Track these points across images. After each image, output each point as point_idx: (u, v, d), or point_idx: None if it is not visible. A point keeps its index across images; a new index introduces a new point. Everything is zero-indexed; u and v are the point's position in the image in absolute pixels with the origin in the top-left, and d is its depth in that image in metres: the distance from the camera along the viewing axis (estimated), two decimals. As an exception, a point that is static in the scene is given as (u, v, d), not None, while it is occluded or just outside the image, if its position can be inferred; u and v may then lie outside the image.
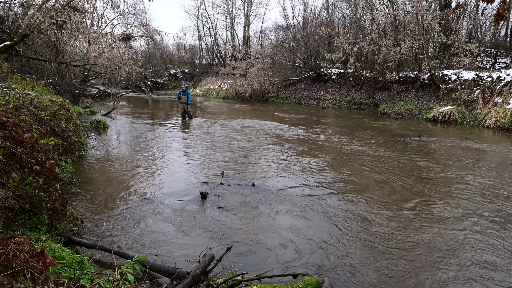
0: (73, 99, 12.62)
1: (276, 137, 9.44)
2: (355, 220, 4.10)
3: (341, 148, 8.13)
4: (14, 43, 8.00)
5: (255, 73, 23.56)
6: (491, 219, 4.13)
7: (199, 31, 38.58)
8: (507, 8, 3.28)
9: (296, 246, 3.50)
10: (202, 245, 3.43)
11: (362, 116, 15.02)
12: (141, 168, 6.31)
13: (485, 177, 5.76)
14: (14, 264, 1.79)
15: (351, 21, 21.22)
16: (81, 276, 1.91)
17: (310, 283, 2.73)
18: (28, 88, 6.62)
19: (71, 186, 4.98)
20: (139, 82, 14.42)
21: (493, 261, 3.21)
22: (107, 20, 13.58)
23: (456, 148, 8.12)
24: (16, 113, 3.81)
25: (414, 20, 14.42)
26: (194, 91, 30.22)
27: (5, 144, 2.83)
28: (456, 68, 14.94)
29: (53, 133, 4.74)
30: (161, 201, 4.65)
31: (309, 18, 27.22)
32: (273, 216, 4.22)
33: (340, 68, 20.86)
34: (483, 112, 12.00)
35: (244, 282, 2.70)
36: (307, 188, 5.22)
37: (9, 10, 9.50)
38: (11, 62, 9.41)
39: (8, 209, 2.66)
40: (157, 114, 16.32)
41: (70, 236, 3.22)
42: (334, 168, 6.31)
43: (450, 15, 4.78)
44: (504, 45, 18.71)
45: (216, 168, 6.26)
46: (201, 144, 8.56)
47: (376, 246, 3.49)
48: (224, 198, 4.82)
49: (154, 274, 2.78)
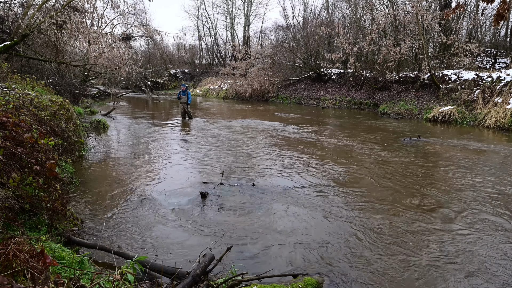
0: (73, 99, 12.62)
1: (276, 137, 9.44)
2: (355, 220, 4.10)
3: (341, 148, 8.13)
4: (14, 43, 8.00)
5: (255, 73, 23.55)
6: (491, 219, 4.13)
7: (199, 31, 38.65)
8: (507, 8, 3.28)
9: (296, 246, 3.50)
10: (202, 245, 3.43)
11: (362, 116, 15.02)
12: (141, 168, 6.31)
13: (485, 177, 5.76)
14: (14, 264, 1.79)
15: (351, 21, 21.22)
16: (81, 276, 1.91)
17: (310, 283, 2.73)
18: (28, 88, 6.62)
19: (71, 186, 4.98)
20: (139, 82, 14.42)
21: (494, 262, 3.21)
22: (107, 20, 13.59)
23: (456, 148, 8.12)
24: (16, 113, 3.81)
25: (414, 20, 14.42)
26: (194, 91, 30.22)
27: (5, 144, 2.83)
28: (456, 68, 14.93)
29: (53, 133, 4.73)
30: (161, 201, 4.65)
31: (309, 18, 27.24)
32: (273, 216, 4.22)
33: (340, 68, 20.85)
34: (483, 112, 11.99)
35: (244, 282, 2.70)
36: (307, 188, 5.22)
37: (9, 10, 9.50)
38: (11, 62, 9.41)
39: (8, 209, 2.66)
40: (157, 114, 16.32)
41: (70, 236, 3.22)
42: (334, 168, 6.31)
43: (450, 15, 4.78)
44: (504, 45, 18.71)
45: (216, 168, 6.26)
46: (201, 144, 8.56)
47: (376, 246, 3.49)
48: (224, 198, 4.82)
49: (154, 274, 2.78)
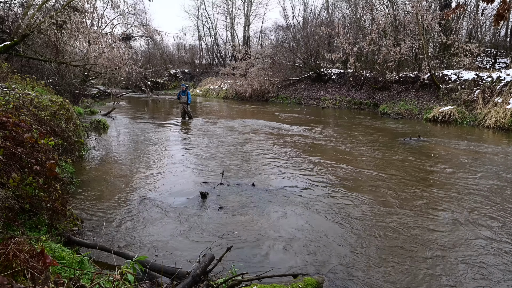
0: (73, 99, 12.62)
1: (276, 137, 9.44)
2: (355, 220, 4.10)
3: (341, 148, 8.13)
4: (14, 43, 8.01)
5: (255, 73, 23.54)
6: (491, 218, 4.13)
7: (199, 31, 38.63)
8: (507, 8, 3.27)
9: (296, 246, 3.50)
10: (202, 245, 3.43)
11: (362, 116, 15.01)
12: (141, 168, 6.31)
13: (485, 177, 5.76)
14: (14, 264, 1.79)
15: (351, 21, 21.21)
16: (81, 276, 1.91)
17: (310, 283, 2.73)
18: (28, 88, 6.62)
19: (71, 186, 4.98)
20: (139, 82, 14.42)
21: (496, 261, 3.21)
22: (107, 20, 13.61)
23: (456, 148, 8.12)
24: (16, 113, 3.81)
25: (414, 20, 14.42)
26: (194, 91, 30.20)
27: (5, 144, 2.83)
28: (456, 68, 14.92)
29: (53, 133, 4.73)
30: (161, 201, 4.65)
31: (309, 18, 27.26)
32: (273, 216, 4.22)
33: (340, 68, 20.84)
34: (483, 112, 11.99)
35: (244, 282, 2.70)
36: (307, 188, 5.21)
37: (9, 10, 9.50)
38: (11, 62, 9.42)
39: (8, 209, 2.66)
40: (157, 114, 16.32)
41: (70, 236, 3.22)
42: (334, 168, 6.31)
43: (450, 15, 4.78)
44: (504, 45, 18.69)
45: (216, 168, 6.26)
46: (201, 144, 8.56)
47: (376, 246, 3.49)
48: (224, 198, 4.82)
49: (154, 274, 2.78)
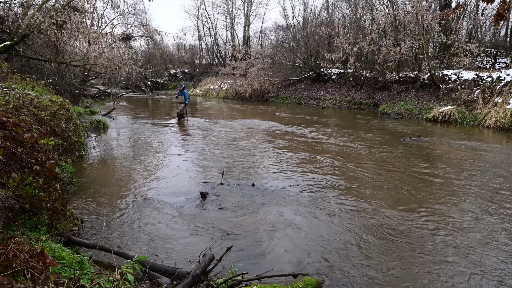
0: (73, 99, 12.61)
1: (276, 137, 9.44)
2: (355, 220, 4.10)
3: (341, 148, 8.12)
4: (14, 43, 8.01)
5: (255, 73, 23.54)
6: (491, 219, 4.13)
7: (199, 31, 38.61)
8: (507, 8, 3.28)
9: (297, 246, 3.50)
10: (202, 245, 3.43)
11: (362, 116, 15.01)
12: (141, 168, 6.31)
13: (485, 177, 5.76)
14: (14, 264, 1.79)
15: (351, 21, 21.20)
16: (81, 276, 1.91)
17: (310, 283, 2.73)
18: (28, 88, 6.62)
19: (71, 186, 4.99)
20: (139, 82, 14.43)
21: (496, 261, 3.21)
22: (107, 20, 13.61)
23: (456, 148, 8.12)
24: (16, 113, 3.80)
25: (414, 20, 14.41)
26: (194, 91, 30.21)
27: (5, 144, 2.83)
28: (456, 68, 14.92)
29: (53, 133, 4.73)
30: (161, 201, 4.65)
31: (309, 18, 27.24)
32: (273, 216, 4.22)
33: (340, 68, 20.84)
34: (483, 112, 11.99)
35: (244, 282, 2.70)
36: (307, 188, 5.21)
37: (9, 10, 9.49)
38: (11, 62, 9.41)
39: (8, 209, 2.66)
40: (157, 114, 16.32)
41: (70, 236, 3.22)
42: (334, 168, 6.31)
43: (450, 15, 4.78)
44: (504, 45, 18.68)
45: (216, 168, 6.26)
46: (201, 144, 8.56)
47: (376, 247, 3.49)
48: (224, 198, 4.82)
49: (154, 274, 2.78)
